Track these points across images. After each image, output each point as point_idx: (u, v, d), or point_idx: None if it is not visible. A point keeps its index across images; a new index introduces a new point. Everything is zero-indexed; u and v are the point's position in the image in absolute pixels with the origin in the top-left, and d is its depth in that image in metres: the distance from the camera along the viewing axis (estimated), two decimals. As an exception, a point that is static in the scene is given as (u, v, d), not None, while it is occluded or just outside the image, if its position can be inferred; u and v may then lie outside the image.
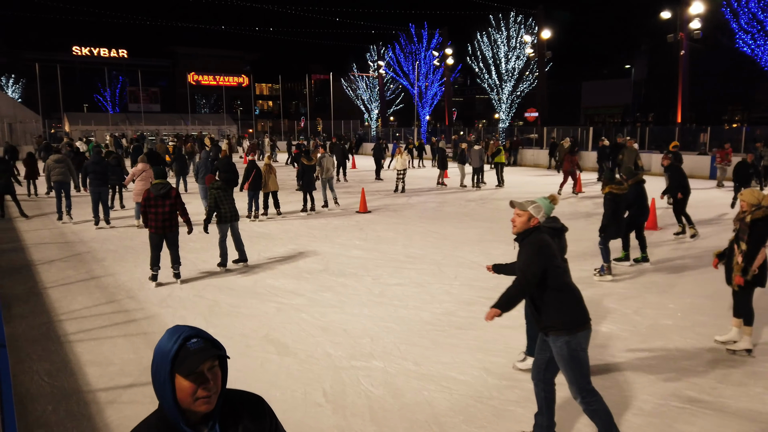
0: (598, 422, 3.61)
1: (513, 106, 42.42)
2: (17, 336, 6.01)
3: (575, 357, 3.54)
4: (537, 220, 3.73)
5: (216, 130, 51.48)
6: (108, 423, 4.26)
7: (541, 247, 3.60)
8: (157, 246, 7.82)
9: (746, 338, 5.40)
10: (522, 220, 3.73)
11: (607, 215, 7.94)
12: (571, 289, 3.65)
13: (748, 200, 5.36)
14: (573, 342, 3.53)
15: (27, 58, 61.82)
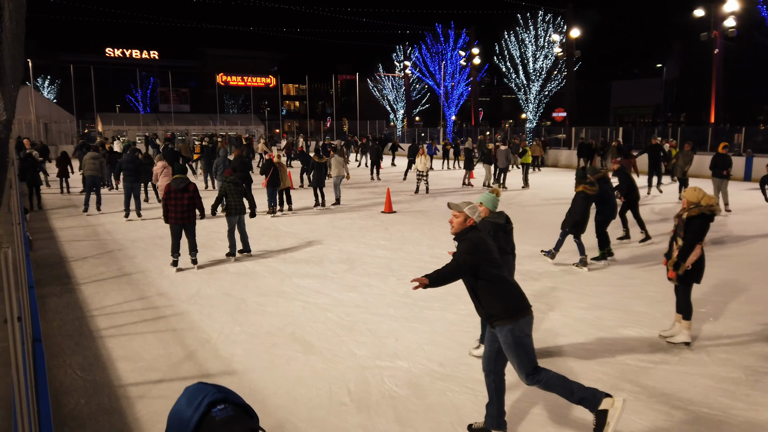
0: (557, 391, 3.76)
1: (540, 106, 41.94)
2: (52, 331, 6.18)
3: (520, 343, 3.73)
4: (473, 220, 3.92)
5: (244, 130, 52.08)
6: (138, 417, 4.36)
7: (477, 244, 3.80)
8: (177, 235, 8.54)
9: (685, 332, 5.65)
10: (459, 221, 3.92)
11: (578, 212, 8.41)
12: (507, 281, 3.86)
13: (689, 198, 5.58)
14: (516, 329, 3.72)
15: (62, 59, 63.54)
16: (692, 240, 5.47)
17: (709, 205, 5.49)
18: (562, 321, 6.39)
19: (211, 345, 5.78)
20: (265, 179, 13.36)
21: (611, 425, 3.54)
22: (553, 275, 8.32)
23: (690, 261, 5.47)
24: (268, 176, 13.28)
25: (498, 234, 5.17)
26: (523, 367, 3.76)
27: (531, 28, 40.13)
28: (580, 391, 3.70)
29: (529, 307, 3.83)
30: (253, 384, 4.90)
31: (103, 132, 46.21)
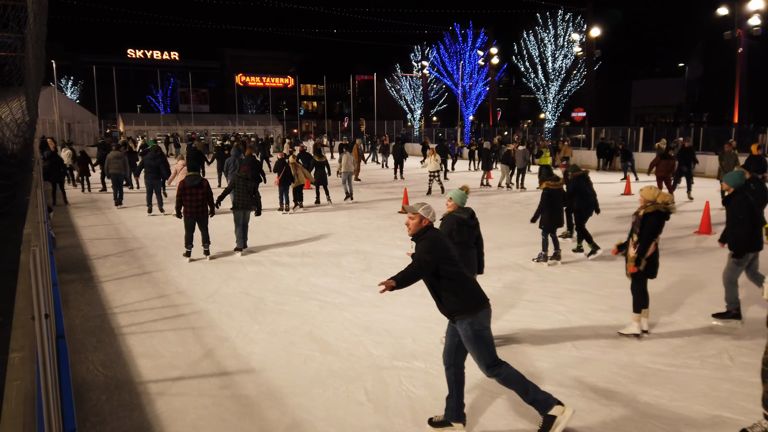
0: (513, 387, 3.93)
1: (560, 106, 41.57)
2: (74, 327, 6.29)
3: (480, 336, 3.88)
4: (428, 220, 4.04)
5: (262, 131, 52.45)
6: (158, 414, 4.41)
7: (435, 242, 3.93)
8: (191, 228, 9.16)
9: (634, 324, 5.91)
10: (414, 223, 4.04)
11: (541, 207, 8.82)
12: (465, 277, 4.00)
13: (645, 196, 5.80)
14: (476, 322, 3.87)
15: (85, 60, 64.59)
16: (648, 236, 5.66)
17: (665, 203, 5.69)
18: (582, 323, 6.33)
19: (230, 343, 5.83)
20: (277, 177, 13.88)
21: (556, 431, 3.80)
22: (571, 278, 8.24)
23: (646, 255, 5.68)
24: (280, 174, 13.79)
25: (462, 228, 5.47)
26: (483, 359, 3.90)
27: (550, 28, 39.81)
28: (535, 393, 3.89)
29: (487, 301, 3.99)
30: (270, 382, 4.93)
31: (124, 132, 46.89)
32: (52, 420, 1.89)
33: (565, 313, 6.68)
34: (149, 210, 13.98)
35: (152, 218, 13.44)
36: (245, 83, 75.12)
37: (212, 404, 4.55)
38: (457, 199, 5.56)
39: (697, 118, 51.92)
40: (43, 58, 8.92)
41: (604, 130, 30.90)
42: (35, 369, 2.05)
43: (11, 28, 4.45)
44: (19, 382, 1.54)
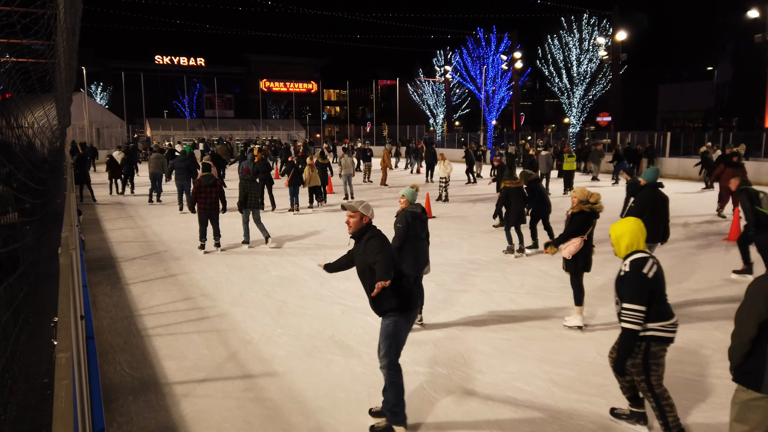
0: (392, 393, 4.14)
1: (584, 111, 41.08)
2: (102, 329, 6.42)
3: (397, 334, 4.08)
4: (368, 218, 4.16)
5: (285, 135, 52.92)
6: (183, 415, 4.48)
7: (384, 241, 4.10)
8: (205, 223, 10.15)
9: (577, 316, 6.26)
10: (355, 221, 4.16)
11: (498, 204, 10.12)
12: (403, 278, 4.16)
13: (577, 197, 6.26)
14: (401, 321, 4.07)
15: (114, 67, 66.02)
16: (572, 231, 6.12)
17: (592, 203, 6.16)
18: (604, 330, 6.25)
19: (254, 346, 5.89)
20: (287, 179, 14.95)
21: None
22: (596, 285, 8.14)
23: (569, 251, 6.07)
24: (289, 176, 14.82)
25: (415, 222, 6.01)
26: (389, 354, 4.11)
27: (575, 31, 39.42)
28: (399, 407, 4.13)
29: (417, 305, 4.25)
30: (293, 386, 4.97)
31: (151, 137, 47.73)
32: (86, 420, 1.94)
33: (587, 319, 6.59)
34: (180, 208, 15.14)
35: (178, 222, 13.67)
36: (269, 88, 75.91)
37: (236, 407, 4.60)
38: (409, 196, 6.10)
39: (727, 122, 50.85)
40: (75, 66, 9.20)
41: (630, 134, 30.42)
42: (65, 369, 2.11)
43: (42, 36, 4.58)
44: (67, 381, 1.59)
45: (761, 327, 3.11)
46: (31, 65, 5.03)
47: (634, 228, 4.06)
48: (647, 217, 6.70)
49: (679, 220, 13.41)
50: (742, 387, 3.23)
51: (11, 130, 4.37)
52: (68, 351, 1.79)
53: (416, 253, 6.03)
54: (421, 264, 6.11)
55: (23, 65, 5.06)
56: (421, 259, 6.08)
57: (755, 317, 3.13)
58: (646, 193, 7.14)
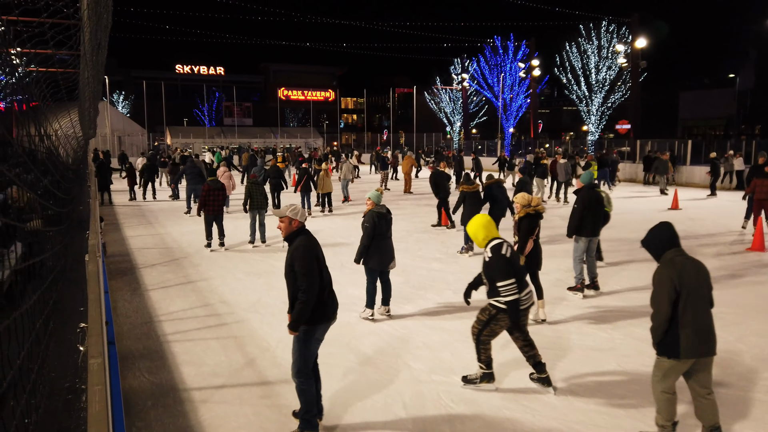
0: (302, 401, 4.24)
1: (603, 118, 40.76)
2: (123, 334, 6.51)
3: (308, 343, 4.17)
4: (298, 221, 4.24)
5: (303, 143, 53.28)
6: (201, 421, 4.52)
7: (308, 248, 4.13)
8: (210, 224, 11.01)
9: (541, 310, 6.69)
10: (285, 225, 4.24)
11: (456, 206, 10.76)
12: (324, 290, 4.18)
13: (519, 202, 6.73)
14: (310, 331, 4.15)
15: (135, 76, 67.23)
16: (523, 236, 6.57)
17: (535, 206, 6.62)
18: (625, 342, 6.17)
19: (271, 353, 5.92)
20: (298, 186, 15.57)
21: None
22: (615, 297, 8.05)
23: (526, 251, 6.53)
24: (301, 183, 15.45)
25: (381, 222, 6.62)
26: (299, 362, 4.19)
27: (594, 39, 39.20)
28: (309, 415, 4.22)
29: (331, 318, 4.26)
30: (310, 393, 4.98)
31: (171, 144, 48.38)
32: (108, 424, 1.98)
33: (608, 330, 6.52)
34: (187, 211, 16.07)
35: (198, 229, 13.74)
36: (287, 97, 76.64)
37: (253, 413, 4.63)
38: (375, 199, 6.81)
39: (749, 130, 50.03)
40: (102, 80, 9.42)
41: (650, 142, 30.08)
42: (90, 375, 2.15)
43: (69, 46, 4.68)
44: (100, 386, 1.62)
45: (673, 306, 3.78)
46: (59, 75, 5.16)
47: (484, 222, 4.89)
48: (587, 214, 7.49)
49: (703, 231, 13.23)
50: (663, 357, 3.90)
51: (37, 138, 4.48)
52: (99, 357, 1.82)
53: (382, 250, 6.72)
54: (386, 260, 6.77)
55: (51, 74, 5.18)
56: (385, 256, 6.75)
57: (666, 300, 3.78)
58: (586, 194, 7.63)
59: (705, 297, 3.86)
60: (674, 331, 3.80)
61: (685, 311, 3.77)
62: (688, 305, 3.77)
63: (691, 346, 3.77)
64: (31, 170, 4.01)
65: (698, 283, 3.83)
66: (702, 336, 3.79)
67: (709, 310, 3.88)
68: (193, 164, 16.29)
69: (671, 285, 3.76)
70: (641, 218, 15.10)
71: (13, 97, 4.59)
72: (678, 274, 3.79)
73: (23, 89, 3.99)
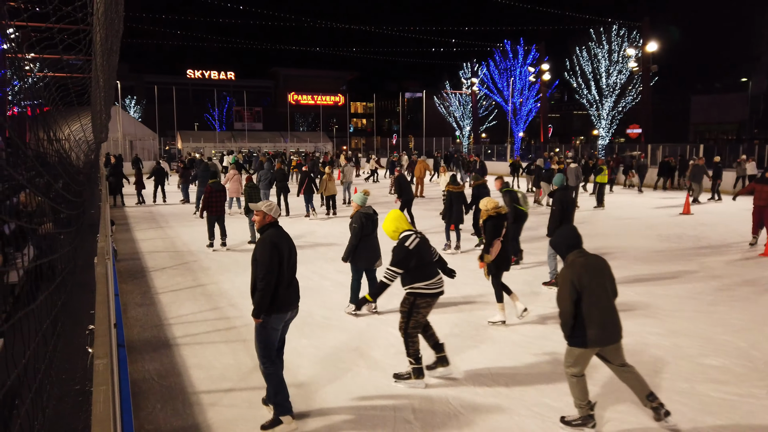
0: (270, 387, 4.46)
1: (614, 122, 40.52)
2: (132, 337, 6.54)
3: (265, 333, 4.44)
4: (271, 217, 4.56)
5: (312, 147, 53.43)
6: (210, 424, 4.52)
7: (272, 241, 4.42)
8: (213, 224, 11.49)
9: (500, 312, 6.87)
10: (259, 219, 4.57)
11: (446, 206, 11.05)
12: (281, 283, 4.44)
13: (483, 207, 7.13)
14: (267, 321, 4.42)
15: (147, 81, 67.76)
16: (489, 238, 6.85)
17: (495, 208, 7.00)
18: (636, 347, 6.10)
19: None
20: (300, 189, 16.09)
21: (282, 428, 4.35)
22: (629, 300, 7.97)
23: (493, 254, 6.71)
24: (303, 187, 15.97)
25: (368, 222, 7.03)
26: (259, 350, 4.46)
27: (604, 43, 39.04)
28: (279, 397, 4.40)
29: (287, 309, 4.51)
30: (318, 397, 4.97)
31: (182, 149, 48.70)
32: (116, 426, 1.98)
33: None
34: (197, 211, 16.46)
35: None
36: (297, 101, 76.86)
37: (261, 417, 4.62)
38: (359, 201, 7.22)
39: (763, 135, 49.51)
40: (114, 84, 9.53)
41: (662, 147, 29.85)
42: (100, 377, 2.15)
43: (80, 51, 4.72)
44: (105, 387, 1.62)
45: (576, 304, 4.15)
46: (69, 80, 5.20)
47: (393, 216, 5.43)
48: (560, 214, 8.11)
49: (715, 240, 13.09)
50: (574, 348, 4.28)
51: (48, 143, 4.52)
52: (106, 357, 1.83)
53: (369, 249, 7.11)
54: (373, 259, 7.16)
55: (62, 80, 5.23)
56: (373, 255, 7.14)
57: (568, 299, 4.16)
58: (561, 195, 8.29)
59: (607, 290, 4.24)
60: (581, 325, 4.18)
61: (590, 307, 4.15)
62: (592, 301, 4.16)
63: (596, 337, 4.18)
64: (43, 174, 4.04)
65: (598, 279, 4.21)
66: (607, 327, 4.20)
67: (612, 302, 4.26)
68: (206, 167, 16.70)
69: (571, 286, 4.16)
70: (646, 224, 14.97)
71: (27, 102, 4.63)
72: (578, 275, 4.17)
73: (36, 94, 4.03)
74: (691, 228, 14.15)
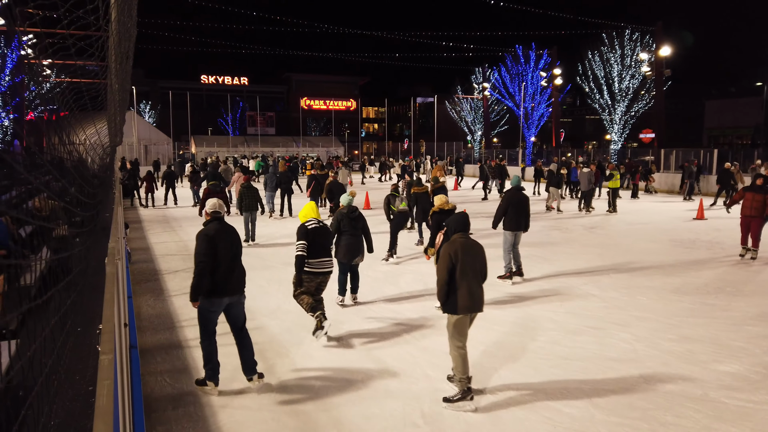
0: (203, 354, 5.12)
1: (626, 127, 40.23)
2: (145, 339, 6.60)
3: (202, 314, 5.11)
4: (209, 214, 5.25)
5: (324, 152, 53.64)
6: (220, 426, 4.55)
7: (207, 234, 5.05)
8: None
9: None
10: (205, 213, 5.32)
11: (410, 207, 12.06)
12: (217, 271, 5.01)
13: (437, 203, 7.90)
14: (205, 303, 5.05)
15: (162, 86, 68.47)
16: (433, 230, 7.75)
17: (440, 204, 7.84)
18: (648, 353, 6.05)
19: (290, 359, 5.95)
20: (308, 191, 16.68)
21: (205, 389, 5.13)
22: (638, 305, 7.91)
23: (437, 245, 7.00)
24: (309, 188, 16.58)
25: (344, 220, 7.56)
26: (199, 328, 5.12)
27: (617, 47, 38.82)
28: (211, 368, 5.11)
29: (222, 295, 5.05)
30: (328, 399, 4.99)
31: (195, 153, 49.11)
32: (126, 426, 2.01)
33: (631, 341, 6.41)
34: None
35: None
36: (309, 106, 77.24)
37: (271, 419, 4.65)
38: (344, 201, 7.78)
39: (778, 139, 48.88)
40: (128, 89, 9.67)
41: (675, 151, 29.58)
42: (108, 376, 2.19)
43: (96, 57, 4.79)
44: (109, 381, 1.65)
45: (450, 274, 4.84)
46: (84, 85, 5.28)
47: (307, 207, 6.59)
48: (511, 211, 8.91)
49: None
50: (448, 314, 4.95)
51: (64, 147, 4.59)
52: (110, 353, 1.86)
53: (348, 245, 7.55)
54: (351, 254, 7.57)
55: (77, 85, 5.31)
56: (350, 250, 7.55)
57: (445, 269, 4.87)
58: (510, 194, 9.06)
59: (476, 269, 4.95)
60: (453, 294, 4.86)
61: (461, 279, 4.83)
62: (462, 274, 4.83)
63: (465, 305, 4.85)
64: (59, 178, 4.11)
65: (471, 258, 4.91)
66: (473, 298, 4.87)
67: (478, 279, 4.99)
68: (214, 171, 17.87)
69: (449, 258, 4.86)
70: (659, 228, 14.85)
71: (44, 107, 4.71)
72: (455, 250, 4.87)
73: (53, 99, 4.10)
74: (704, 233, 14.00)
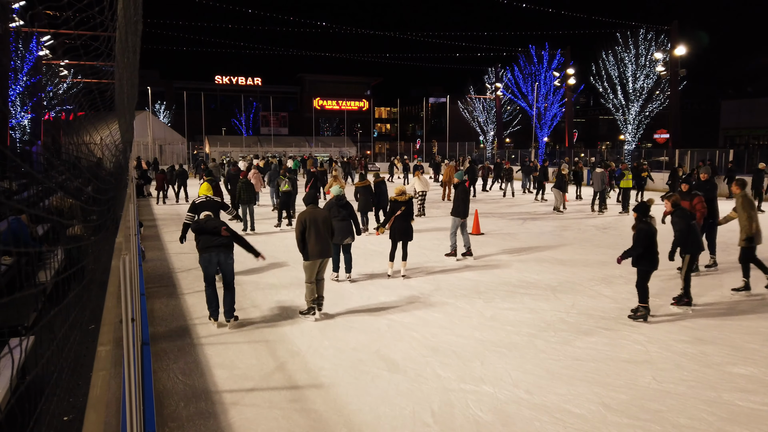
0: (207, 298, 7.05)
1: (640, 127, 39.85)
2: (158, 336, 6.66)
3: (203, 265, 6.91)
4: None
5: (337, 152, 53.78)
6: (231, 423, 4.58)
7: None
8: None
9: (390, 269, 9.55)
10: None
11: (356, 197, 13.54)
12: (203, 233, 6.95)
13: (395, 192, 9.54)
14: (201, 258, 6.94)
15: (177, 87, 69.02)
16: (388, 214, 9.44)
17: (396, 194, 9.40)
18: (662, 354, 6.00)
19: (301, 358, 5.98)
20: (306, 188, 17.26)
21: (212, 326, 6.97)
22: (653, 306, 7.83)
23: (387, 226, 9.30)
24: (308, 186, 16.95)
25: (334, 208, 8.69)
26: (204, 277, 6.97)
27: (631, 47, 38.47)
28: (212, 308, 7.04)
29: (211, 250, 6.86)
30: (338, 398, 5.00)
31: (209, 153, 49.46)
32: (134, 420, 2.03)
33: (644, 342, 6.35)
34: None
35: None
36: (322, 107, 77.42)
37: (282, 417, 4.67)
38: (335, 192, 8.87)
39: (796, 139, 48.16)
40: (137, 83, 9.80)
41: (690, 152, 29.24)
42: (121, 372, 2.21)
43: (106, 57, 4.84)
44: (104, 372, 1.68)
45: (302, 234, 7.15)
46: (94, 85, 5.35)
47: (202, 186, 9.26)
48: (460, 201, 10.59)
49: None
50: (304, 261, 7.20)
51: (80, 147, 4.65)
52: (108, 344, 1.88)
53: (339, 228, 8.50)
54: (342, 235, 8.67)
55: (87, 85, 5.37)
56: (340, 232, 8.55)
57: (299, 229, 7.14)
58: (463, 188, 10.85)
59: (320, 228, 7.13)
60: (306, 247, 7.13)
61: (309, 236, 7.09)
62: (311, 233, 7.09)
63: (313, 253, 7.10)
64: (75, 178, 4.17)
65: (316, 221, 7.11)
66: (319, 247, 7.09)
67: (324, 234, 7.15)
68: (238, 171, 17.86)
69: (301, 223, 7.14)
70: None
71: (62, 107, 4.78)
72: (304, 217, 7.15)
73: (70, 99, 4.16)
74: (719, 235, 13.81)
